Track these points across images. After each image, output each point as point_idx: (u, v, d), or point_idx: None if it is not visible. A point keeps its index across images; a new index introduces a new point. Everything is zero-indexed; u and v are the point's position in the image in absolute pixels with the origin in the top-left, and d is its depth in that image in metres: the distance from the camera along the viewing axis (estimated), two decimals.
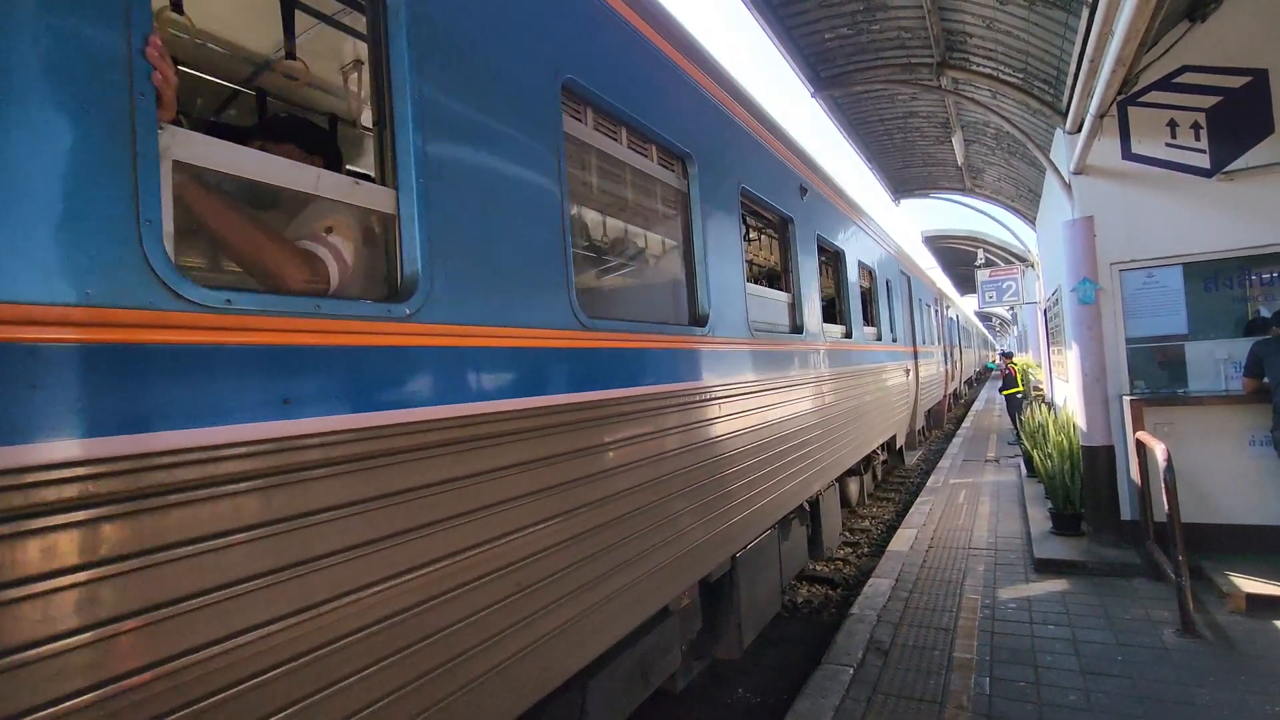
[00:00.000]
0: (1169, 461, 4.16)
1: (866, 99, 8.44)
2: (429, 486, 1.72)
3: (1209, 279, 5.34)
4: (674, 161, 3.36)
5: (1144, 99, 5.34)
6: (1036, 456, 6.78)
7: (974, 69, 6.75)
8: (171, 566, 1.20)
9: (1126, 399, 5.41)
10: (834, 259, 6.33)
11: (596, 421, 2.40)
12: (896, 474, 10.65)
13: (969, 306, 31.22)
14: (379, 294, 1.83)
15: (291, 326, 1.44)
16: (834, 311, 6.40)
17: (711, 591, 3.57)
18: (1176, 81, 5.24)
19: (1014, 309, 22.15)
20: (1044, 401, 10.88)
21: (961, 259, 20.42)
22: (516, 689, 1.97)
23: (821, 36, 6.64)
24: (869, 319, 7.58)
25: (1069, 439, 6.42)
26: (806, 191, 5.22)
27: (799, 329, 4.80)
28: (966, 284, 24.67)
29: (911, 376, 9.64)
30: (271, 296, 1.45)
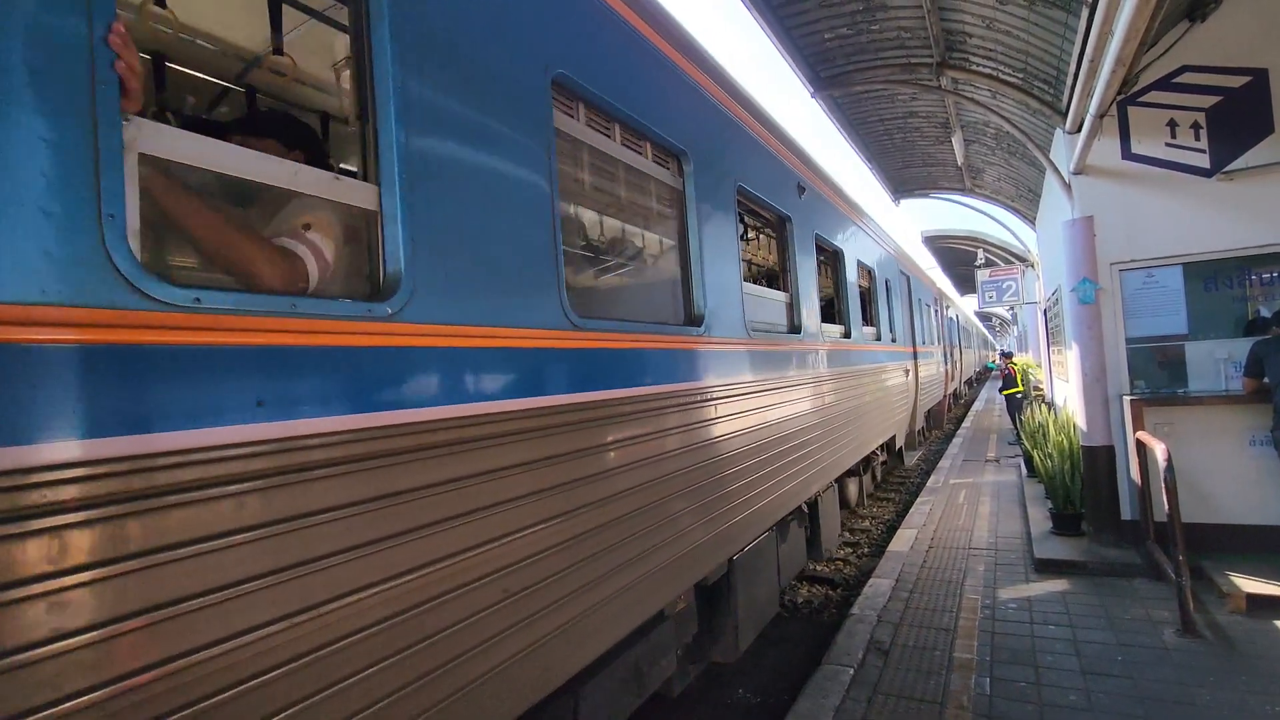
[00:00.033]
0: (1169, 461, 4.16)
1: (866, 99, 8.43)
2: (412, 491, 1.66)
3: (1209, 279, 5.34)
4: (669, 159, 3.32)
5: (1144, 99, 5.34)
6: (1037, 456, 6.78)
7: (974, 69, 6.74)
8: (131, 577, 1.15)
9: (1126, 399, 5.41)
10: (832, 258, 6.31)
11: (589, 424, 2.36)
12: (896, 474, 10.64)
13: (969, 306, 31.21)
14: (361, 293, 1.77)
15: (266, 326, 1.39)
16: (833, 311, 6.38)
17: (708, 594, 3.54)
18: (1176, 81, 5.24)
19: (1014, 309, 22.15)
20: (1044, 401, 10.87)
21: (961, 259, 20.42)
22: (511, 693, 1.95)
23: (821, 36, 6.64)
24: (868, 319, 7.56)
25: (1069, 439, 6.42)
26: (804, 190, 5.20)
27: (797, 329, 4.78)
28: (966, 284, 24.68)
29: (911, 377, 9.63)
30: (245, 295, 1.40)
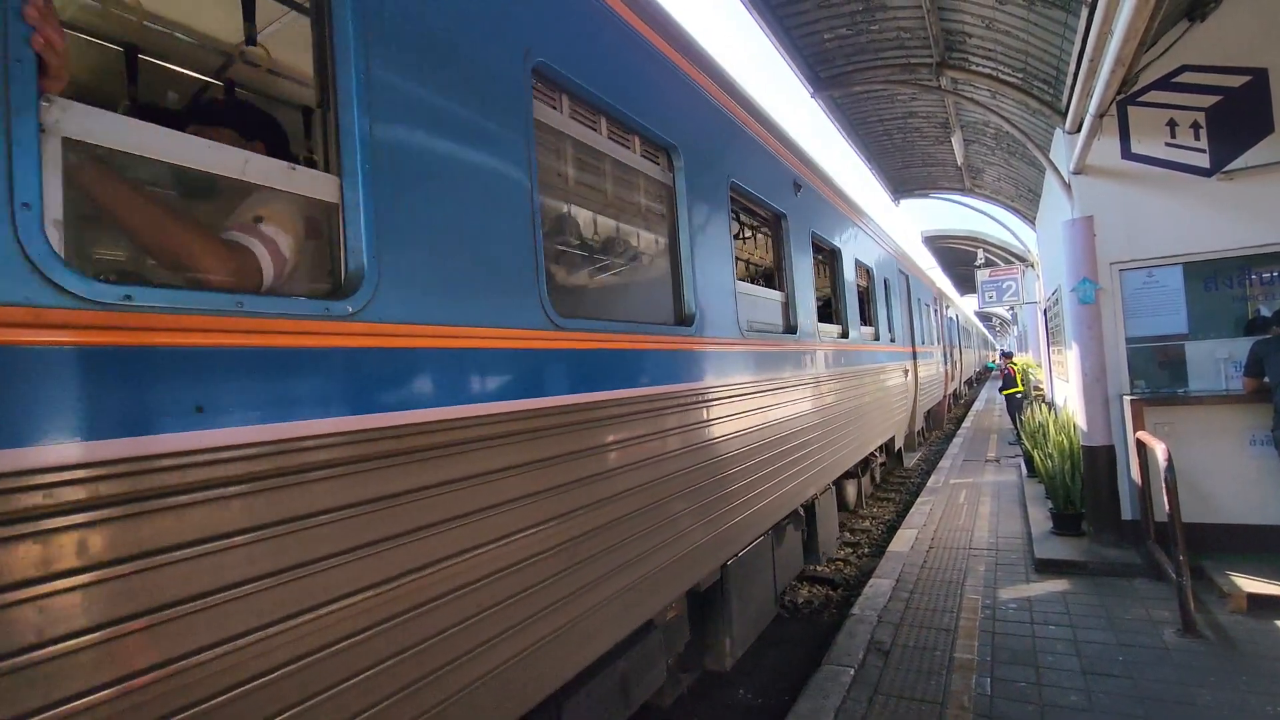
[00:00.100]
0: (1169, 461, 4.15)
1: (866, 99, 8.43)
2: (367, 503, 1.56)
3: (1209, 278, 5.34)
4: (658, 153, 3.23)
5: (1143, 99, 5.33)
6: (1037, 456, 6.77)
7: (973, 69, 6.74)
8: (36, 604, 1.05)
9: (1127, 399, 5.41)
10: (830, 257, 6.28)
11: (572, 427, 2.28)
12: (897, 474, 10.64)
13: (969, 306, 31.22)
14: (321, 291, 1.67)
15: (207, 326, 1.29)
16: (830, 311, 6.35)
17: (701, 601, 3.47)
18: (1176, 81, 5.24)
19: (1014, 309, 22.16)
20: (1044, 401, 10.88)
21: (961, 259, 20.42)
22: (490, 709, 1.88)
23: (821, 37, 6.64)
24: (866, 319, 7.54)
25: (1069, 439, 6.42)
26: (800, 188, 5.16)
27: (793, 329, 4.73)
28: (966, 284, 24.67)
29: (910, 377, 9.61)
30: (184, 293, 1.29)
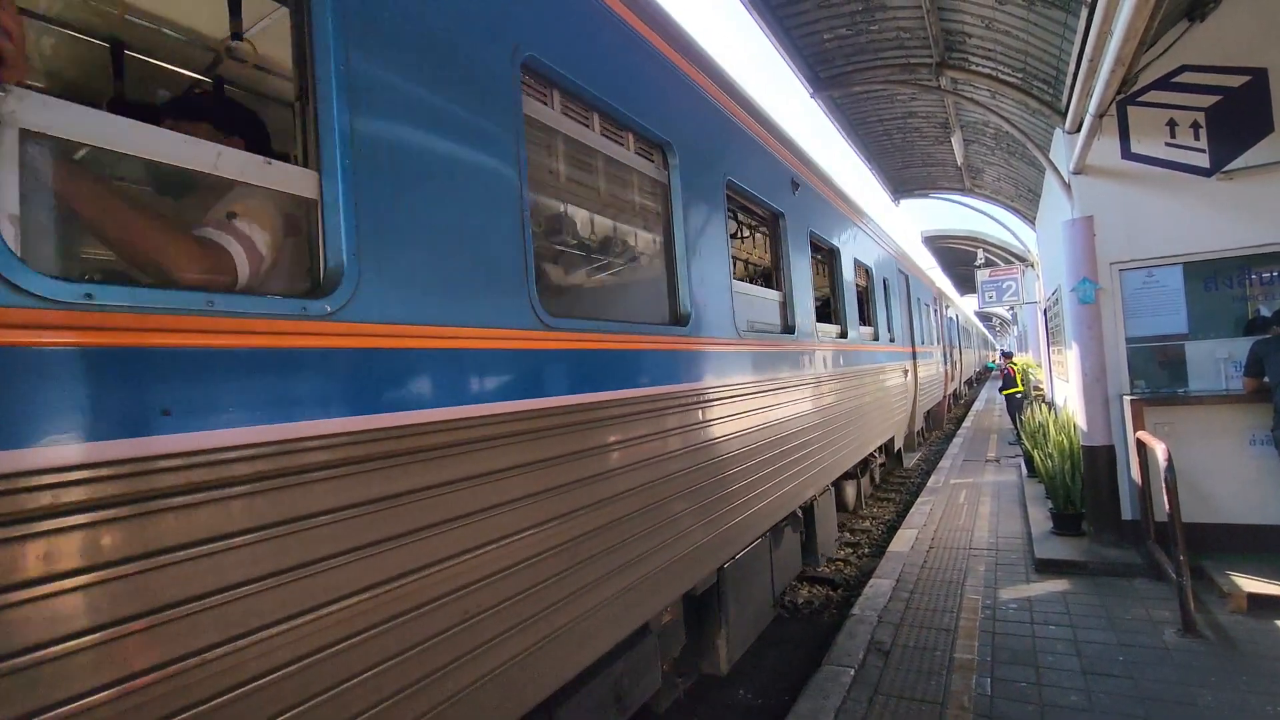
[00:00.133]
0: (1169, 461, 4.15)
1: (866, 99, 8.43)
2: (342, 510, 1.51)
3: (1209, 278, 5.34)
4: (652, 150, 3.19)
5: (1143, 98, 5.34)
6: (1037, 456, 6.77)
7: (973, 69, 6.74)
8: None
9: (1127, 399, 5.41)
10: (829, 257, 6.26)
11: (563, 429, 2.24)
12: (897, 474, 10.64)
13: (969, 306, 31.22)
14: (299, 290, 1.63)
15: (175, 326, 1.25)
16: (829, 311, 6.33)
17: (698, 604, 3.44)
18: (1176, 81, 5.24)
19: (1014, 309, 22.16)
20: (1044, 401, 10.88)
21: (961, 259, 20.43)
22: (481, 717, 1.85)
23: (820, 37, 6.65)
24: (865, 319, 7.53)
25: (1069, 439, 6.42)
26: (798, 186, 5.13)
27: (791, 329, 4.69)
28: (966, 284, 24.68)
29: (910, 377, 9.61)
30: (150, 291, 1.25)
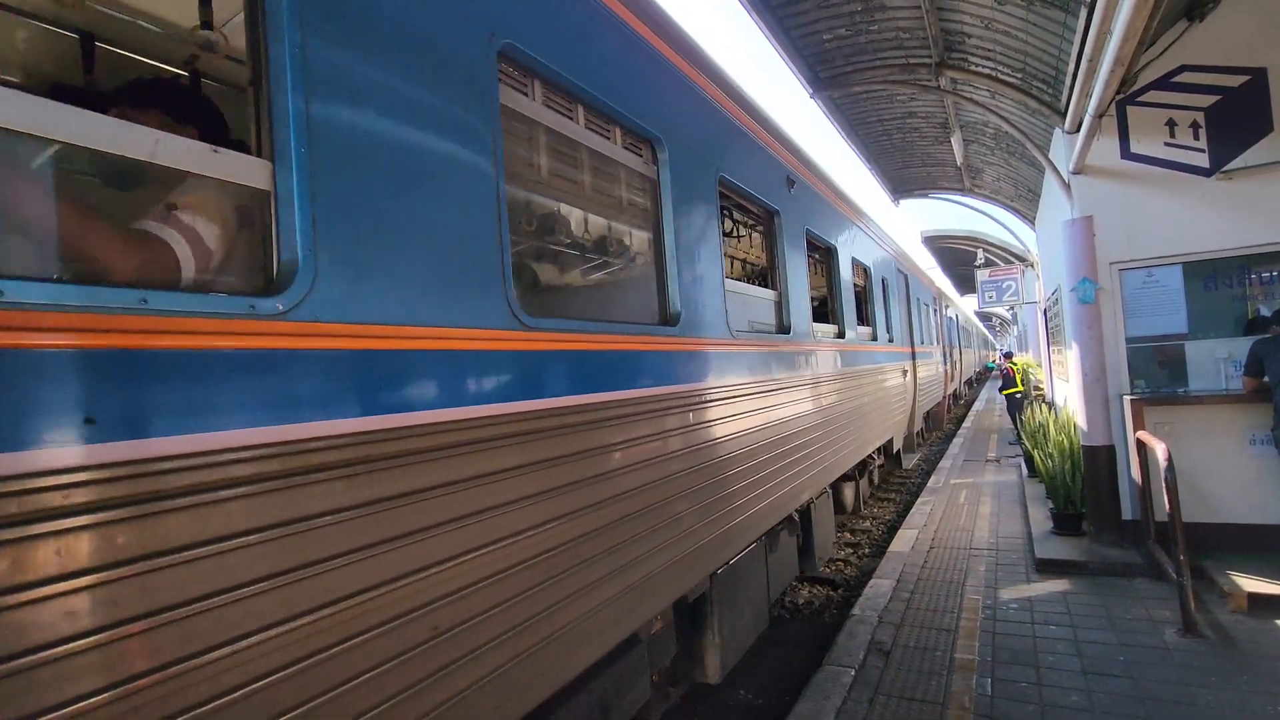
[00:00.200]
0: (1170, 461, 4.15)
1: (865, 99, 8.44)
2: (304, 520, 1.43)
3: (1209, 278, 5.34)
4: (641, 145, 3.10)
5: (1143, 98, 5.34)
6: (1037, 456, 6.77)
7: (972, 69, 6.75)
8: None
9: (1127, 398, 5.41)
10: (826, 256, 6.22)
11: (543, 434, 2.16)
12: (897, 474, 10.64)
13: (969, 306, 31.22)
14: (249, 287, 1.55)
15: (100, 325, 1.16)
16: (826, 311, 6.29)
17: (691, 611, 3.38)
18: (1175, 81, 5.25)
19: (1014, 309, 22.17)
20: (1044, 401, 10.88)
21: (961, 259, 20.43)
22: None
23: (820, 37, 6.65)
24: (864, 318, 7.51)
25: (1069, 439, 6.42)
26: (794, 184, 5.07)
27: (786, 329, 4.63)
28: (966, 284, 24.68)
29: (909, 378, 9.60)
30: (70, 288, 1.15)
